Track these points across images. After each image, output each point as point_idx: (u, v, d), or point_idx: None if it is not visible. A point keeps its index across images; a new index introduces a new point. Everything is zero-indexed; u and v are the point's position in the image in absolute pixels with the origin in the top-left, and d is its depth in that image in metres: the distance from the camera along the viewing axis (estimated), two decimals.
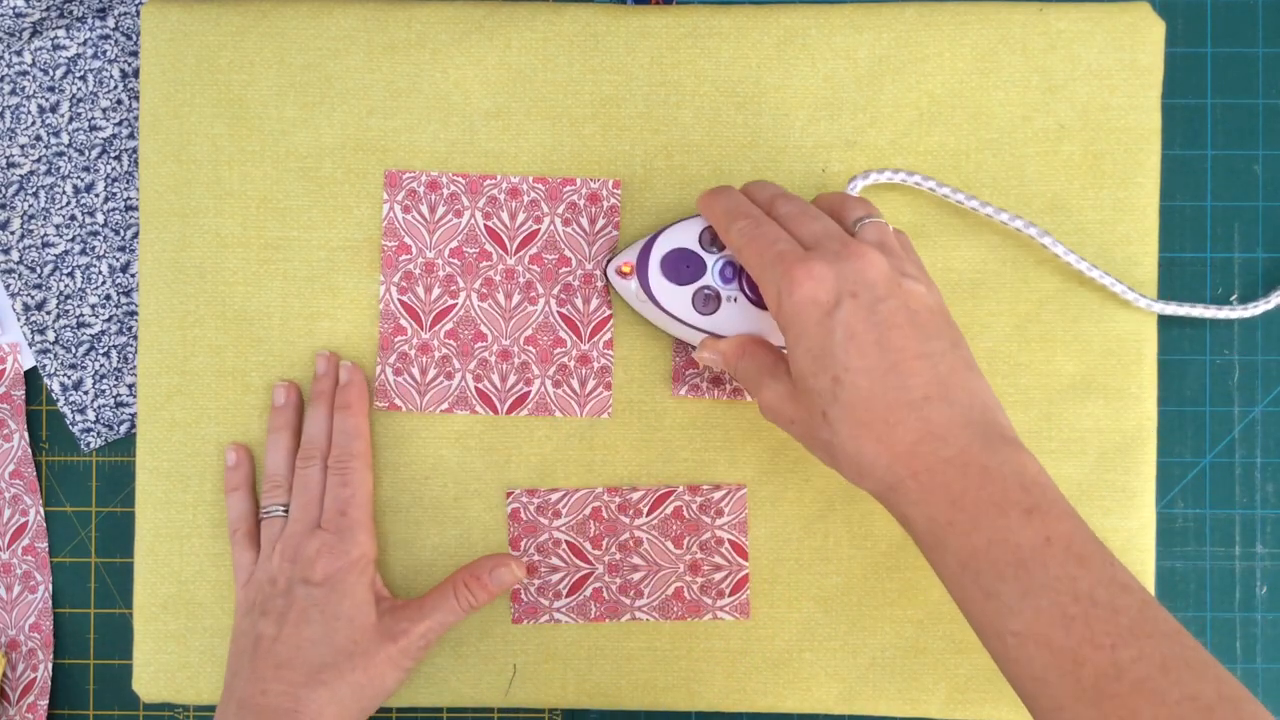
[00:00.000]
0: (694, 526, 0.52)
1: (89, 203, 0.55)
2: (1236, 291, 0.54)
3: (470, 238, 0.52)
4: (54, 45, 0.54)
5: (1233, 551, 0.54)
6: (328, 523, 0.49)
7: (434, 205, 0.52)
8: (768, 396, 0.42)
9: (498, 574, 0.50)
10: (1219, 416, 0.54)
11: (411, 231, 0.52)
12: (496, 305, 0.52)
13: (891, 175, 0.50)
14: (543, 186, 0.52)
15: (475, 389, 0.52)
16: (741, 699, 0.52)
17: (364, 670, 0.47)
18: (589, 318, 0.52)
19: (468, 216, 0.52)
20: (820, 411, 0.39)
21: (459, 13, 0.52)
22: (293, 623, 0.47)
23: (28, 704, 0.55)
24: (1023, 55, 0.52)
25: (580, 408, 0.52)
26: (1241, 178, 0.54)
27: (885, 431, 0.38)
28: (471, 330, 0.52)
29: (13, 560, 0.55)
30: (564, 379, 0.52)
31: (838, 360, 0.38)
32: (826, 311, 0.39)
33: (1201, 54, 0.55)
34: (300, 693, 0.46)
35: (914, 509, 0.39)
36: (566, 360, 0.52)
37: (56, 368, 0.55)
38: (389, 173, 0.51)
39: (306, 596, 0.47)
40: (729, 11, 0.52)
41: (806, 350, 0.39)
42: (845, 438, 0.39)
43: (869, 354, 0.38)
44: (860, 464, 0.39)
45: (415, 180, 0.52)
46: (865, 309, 0.39)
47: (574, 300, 0.52)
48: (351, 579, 0.48)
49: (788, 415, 0.42)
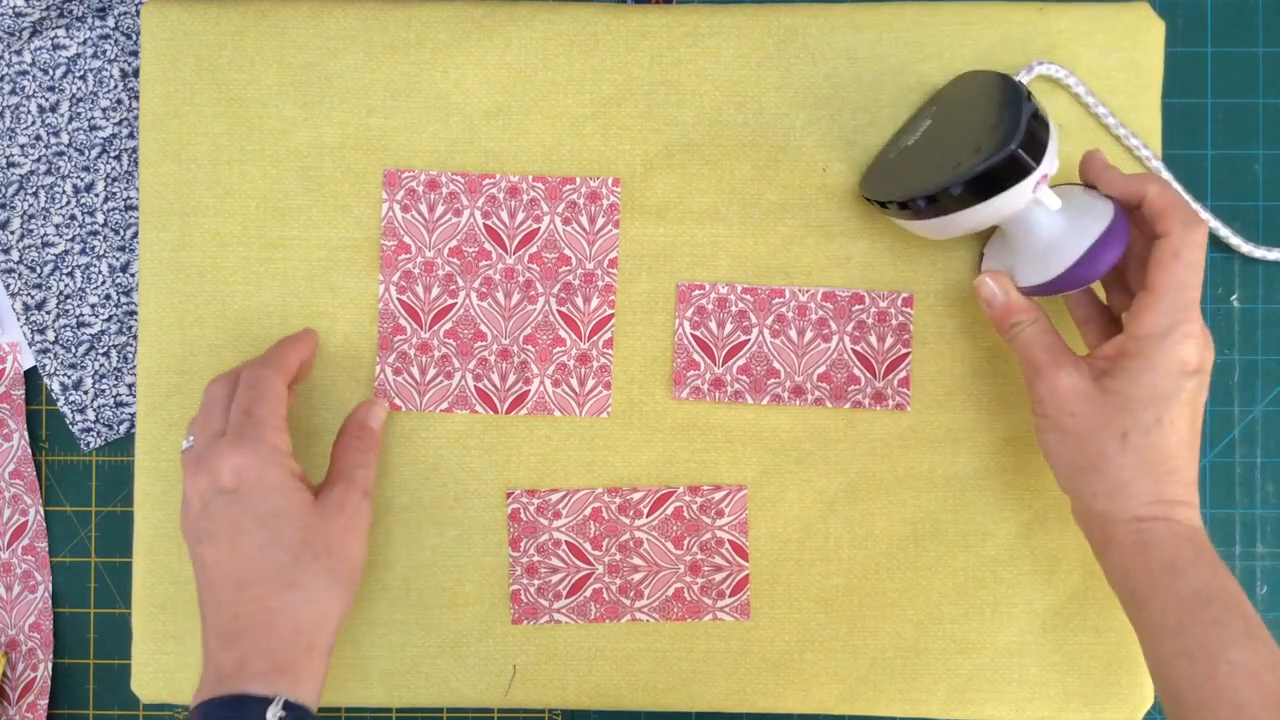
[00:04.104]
0: (694, 527, 0.52)
1: (89, 202, 0.55)
2: (1236, 291, 0.54)
3: (469, 237, 0.52)
4: (54, 45, 0.54)
5: (1233, 551, 0.54)
6: (231, 428, 0.45)
7: (433, 204, 0.52)
8: (1065, 381, 0.45)
9: (372, 414, 0.50)
10: (1219, 416, 0.54)
11: (411, 231, 0.52)
12: (496, 304, 0.52)
13: (1057, 70, 0.51)
14: (542, 185, 0.52)
15: (475, 388, 0.52)
16: (742, 700, 0.52)
17: (326, 554, 0.44)
18: (589, 317, 0.52)
19: (467, 215, 0.52)
20: (1121, 431, 0.43)
21: (459, 12, 0.52)
22: (228, 538, 0.44)
23: (28, 704, 0.55)
24: (1023, 55, 0.52)
25: (580, 407, 0.52)
26: (1241, 178, 0.54)
27: (1165, 474, 0.43)
28: (471, 329, 0.52)
29: (13, 560, 0.55)
30: (563, 378, 0.52)
31: (1171, 409, 0.43)
32: (1186, 373, 0.43)
33: (1201, 54, 0.55)
34: (272, 604, 0.43)
35: (1161, 539, 0.43)
36: (566, 359, 0.52)
37: (56, 367, 0.55)
38: (388, 172, 0.51)
39: (228, 507, 0.44)
40: (729, 11, 0.52)
41: (1151, 384, 0.43)
42: (1130, 464, 0.43)
43: (1189, 417, 0.43)
44: (1126, 487, 0.44)
45: (415, 180, 0.52)
46: (1202, 390, 0.44)
47: (574, 299, 0.52)
48: (269, 474, 0.44)
49: (1070, 408, 0.44)
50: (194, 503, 0.45)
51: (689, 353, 0.52)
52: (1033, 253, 0.46)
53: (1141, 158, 0.51)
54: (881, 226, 0.52)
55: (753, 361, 0.52)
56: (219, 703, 0.42)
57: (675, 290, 0.52)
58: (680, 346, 0.52)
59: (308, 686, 0.43)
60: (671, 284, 0.52)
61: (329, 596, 0.44)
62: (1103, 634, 0.52)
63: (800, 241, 0.52)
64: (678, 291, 0.52)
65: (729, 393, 0.52)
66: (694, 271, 0.52)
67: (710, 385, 0.52)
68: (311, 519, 0.45)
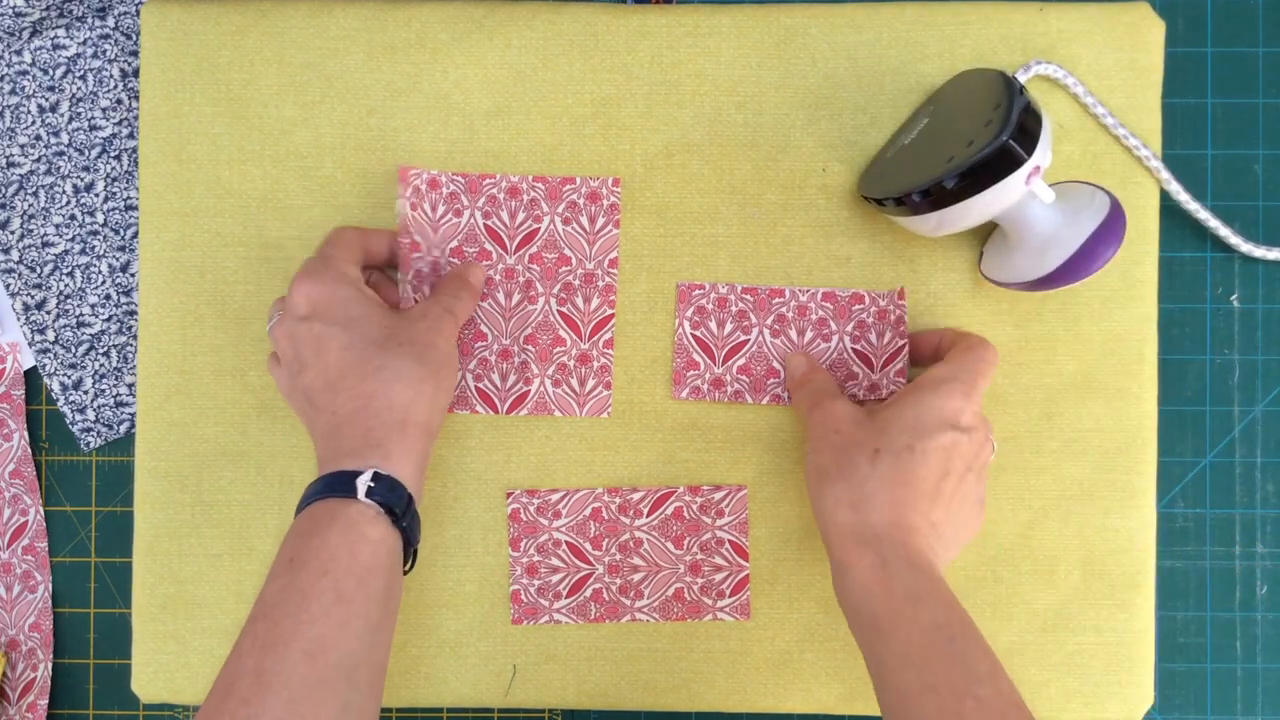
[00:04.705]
0: (694, 527, 0.52)
1: (89, 202, 0.55)
2: (1237, 291, 0.54)
3: (470, 237, 0.52)
4: (54, 45, 0.54)
5: (1233, 551, 0.54)
6: (303, 267, 0.47)
7: (434, 204, 0.51)
8: (839, 407, 0.47)
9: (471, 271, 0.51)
10: (1219, 416, 0.54)
11: (419, 229, 0.51)
12: (496, 304, 0.52)
13: (1055, 70, 0.51)
14: (542, 185, 0.52)
15: (475, 388, 0.52)
16: (742, 700, 0.52)
17: (411, 344, 0.46)
18: (589, 317, 0.52)
19: (467, 216, 0.52)
20: (874, 448, 0.44)
21: (459, 12, 0.52)
22: (315, 352, 0.45)
23: (28, 703, 0.55)
24: (1022, 55, 0.52)
25: (580, 407, 0.52)
26: (1241, 178, 0.54)
27: (908, 498, 0.44)
28: (471, 329, 0.52)
29: (13, 560, 0.55)
30: (564, 378, 0.52)
31: (925, 442, 0.44)
32: (950, 423, 0.45)
33: (1201, 54, 0.55)
34: (364, 388, 0.44)
35: (899, 561, 0.42)
36: (566, 359, 0.52)
37: (56, 367, 0.55)
38: (402, 169, 0.51)
39: (310, 328, 0.46)
40: (729, 11, 0.52)
41: (914, 416, 0.45)
42: (876, 478, 0.44)
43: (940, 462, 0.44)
44: (870, 498, 0.44)
45: (419, 178, 0.51)
46: (958, 447, 0.45)
47: (574, 299, 0.52)
48: (340, 291, 0.46)
49: (837, 426, 0.46)
50: (285, 348, 0.47)
51: (689, 353, 0.52)
52: (1030, 248, 0.46)
53: (1141, 157, 0.51)
54: (881, 226, 0.52)
55: (752, 361, 0.52)
56: (316, 484, 0.43)
57: (675, 290, 0.52)
58: (680, 346, 0.52)
59: (401, 461, 0.44)
60: (671, 284, 0.52)
61: (418, 374, 0.45)
62: (1103, 634, 0.52)
63: (800, 241, 0.52)
64: (677, 291, 0.52)
65: (729, 392, 0.52)
66: (694, 271, 0.52)
67: (710, 385, 0.52)
68: (393, 319, 0.47)
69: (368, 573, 0.41)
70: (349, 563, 0.41)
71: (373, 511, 0.42)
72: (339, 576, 0.41)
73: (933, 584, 0.42)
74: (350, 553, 0.41)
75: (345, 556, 0.41)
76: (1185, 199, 0.52)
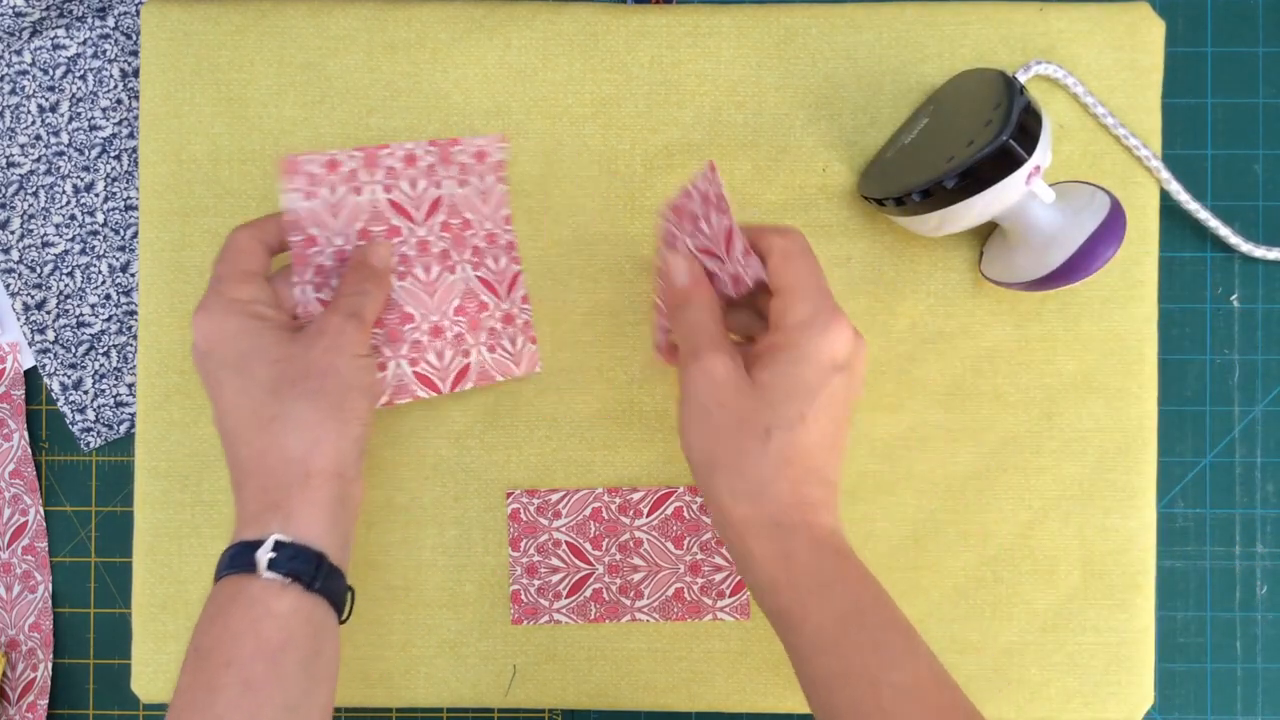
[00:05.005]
0: (694, 527, 0.52)
1: (89, 202, 0.55)
2: (1237, 291, 0.54)
3: (376, 215, 0.48)
4: (54, 45, 0.54)
5: (1233, 551, 0.54)
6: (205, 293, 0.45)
7: (333, 186, 0.48)
8: (721, 368, 0.42)
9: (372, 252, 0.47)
10: (1219, 416, 0.54)
11: (316, 219, 0.48)
12: (417, 281, 0.49)
13: (1055, 70, 0.51)
14: (435, 150, 0.49)
15: (414, 374, 0.50)
16: (742, 700, 0.52)
17: (305, 379, 0.42)
18: (502, 276, 0.51)
19: (369, 192, 0.48)
20: (765, 427, 0.41)
21: (459, 12, 0.52)
22: (216, 396, 0.43)
23: (28, 703, 0.55)
24: (1022, 55, 0.52)
25: (516, 366, 0.51)
26: (1241, 178, 0.54)
27: (805, 474, 0.41)
28: (397, 313, 0.49)
29: (13, 560, 0.55)
30: (496, 342, 0.51)
31: (815, 405, 0.41)
32: (836, 366, 0.41)
33: (1201, 54, 0.55)
34: (258, 442, 0.42)
35: (803, 548, 0.40)
36: (494, 323, 0.51)
37: (56, 367, 0.55)
38: (287, 158, 0.47)
39: (205, 369, 0.43)
40: (729, 11, 0.52)
41: (799, 376, 0.41)
42: (771, 463, 0.41)
43: (834, 415, 0.41)
44: (767, 488, 0.41)
45: (311, 163, 0.47)
46: (850, 388, 0.42)
47: (485, 261, 0.51)
48: (229, 323, 0.43)
49: (720, 398, 0.41)
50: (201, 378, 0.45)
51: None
52: (1031, 247, 0.46)
53: (1141, 157, 0.51)
54: (882, 226, 0.52)
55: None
56: (224, 555, 0.41)
57: None
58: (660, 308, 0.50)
59: (304, 518, 0.41)
60: None
61: (315, 417, 0.42)
62: (1103, 634, 0.52)
63: None
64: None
65: None
66: None
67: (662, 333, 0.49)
68: (286, 349, 0.43)
69: (279, 651, 0.39)
70: (255, 646, 0.39)
71: (278, 585, 0.40)
72: (244, 664, 0.39)
73: (839, 564, 0.40)
74: (256, 634, 0.39)
75: (250, 640, 0.39)
76: (1185, 199, 0.52)
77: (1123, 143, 0.51)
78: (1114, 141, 0.52)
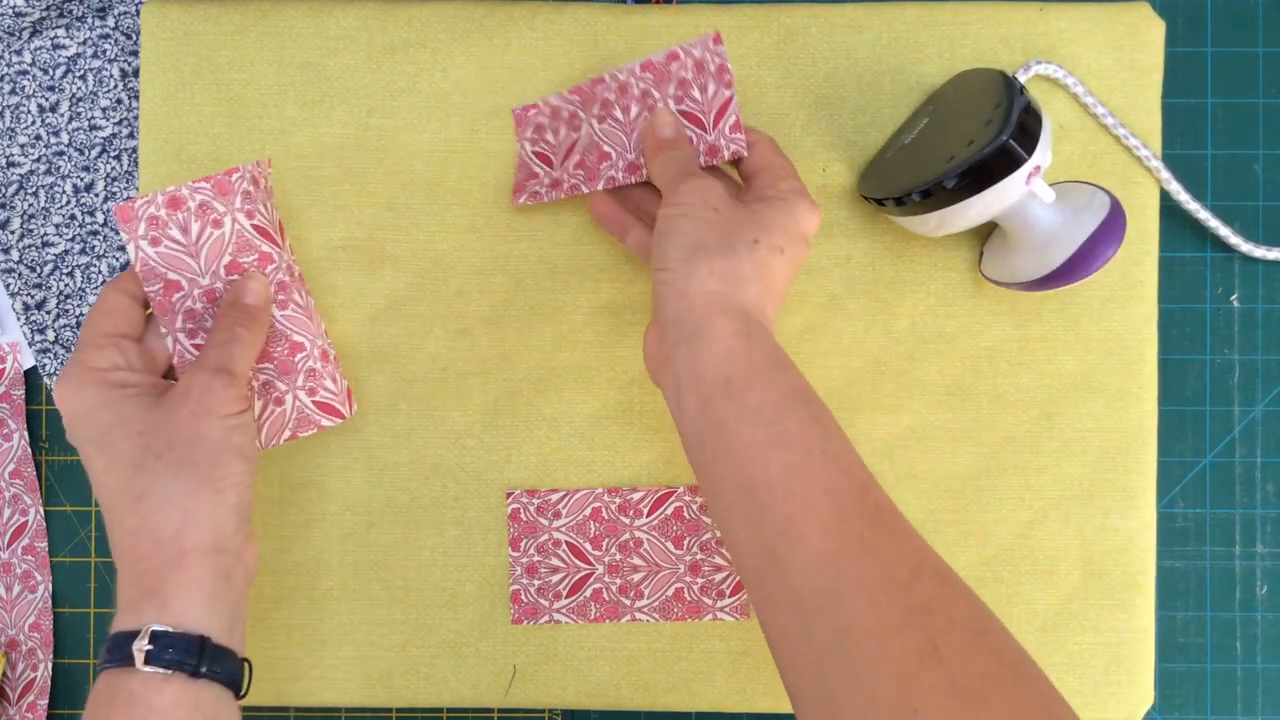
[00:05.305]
0: (694, 527, 0.52)
1: (89, 202, 0.55)
2: (1237, 291, 0.54)
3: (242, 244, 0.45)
4: (54, 45, 0.54)
5: (1233, 551, 0.54)
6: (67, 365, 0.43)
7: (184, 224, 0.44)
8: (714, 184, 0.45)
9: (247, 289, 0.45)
10: (1219, 416, 0.54)
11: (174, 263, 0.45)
12: (298, 306, 0.47)
13: (1055, 70, 0.51)
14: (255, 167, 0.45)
15: (313, 404, 0.47)
16: (742, 700, 0.52)
17: (170, 449, 0.40)
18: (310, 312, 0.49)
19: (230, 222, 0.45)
20: (753, 238, 0.43)
21: (459, 12, 0.52)
22: (89, 475, 0.42)
23: (28, 703, 0.55)
24: (1022, 55, 0.52)
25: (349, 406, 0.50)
26: (1241, 178, 0.54)
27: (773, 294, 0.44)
28: (285, 344, 0.46)
29: (13, 560, 0.55)
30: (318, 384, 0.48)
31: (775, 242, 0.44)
32: (804, 237, 0.45)
33: (1201, 54, 0.55)
34: (127, 524, 0.40)
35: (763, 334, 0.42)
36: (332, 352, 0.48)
37: (56, 367, 0.55)
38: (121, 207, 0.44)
39: (76, 445, 0.42)
40: (729, 11, 0.52)
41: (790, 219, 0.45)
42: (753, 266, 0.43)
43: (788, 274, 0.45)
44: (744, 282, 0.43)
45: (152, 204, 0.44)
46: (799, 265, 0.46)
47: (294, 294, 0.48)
48: (86, 395, 0.41)
49: (714, 203, 0.44)
50: None
51: (529, 166, 0.51)
52: (1031, 247, 0.46)
53: (1141, 157, 0.51)
54: (882, 226, 0.52)
55: (585, 153, 0.50)
56: (104, 647, 0.40)
57: None
58: (521, 163, 0.51)
59: (184, 602, 0.39)
60: None
61: (183, 489, 0.40)
62: (1103, 634, 0.52)
63: None
64: (514, 116, 0.52)
65: (565, 188, 0.50)
66: None
67: (549, 188, 0.50)
68: (149, 419, 0.41)
69: None
70: None
71: (158, 678, 0.38)
72: None
73: (787, 357, 0.42)
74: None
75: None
76: (1185, 199, 0.52)
77: (1123, 143, 0.51)
78: (1114, 141, 0.52)
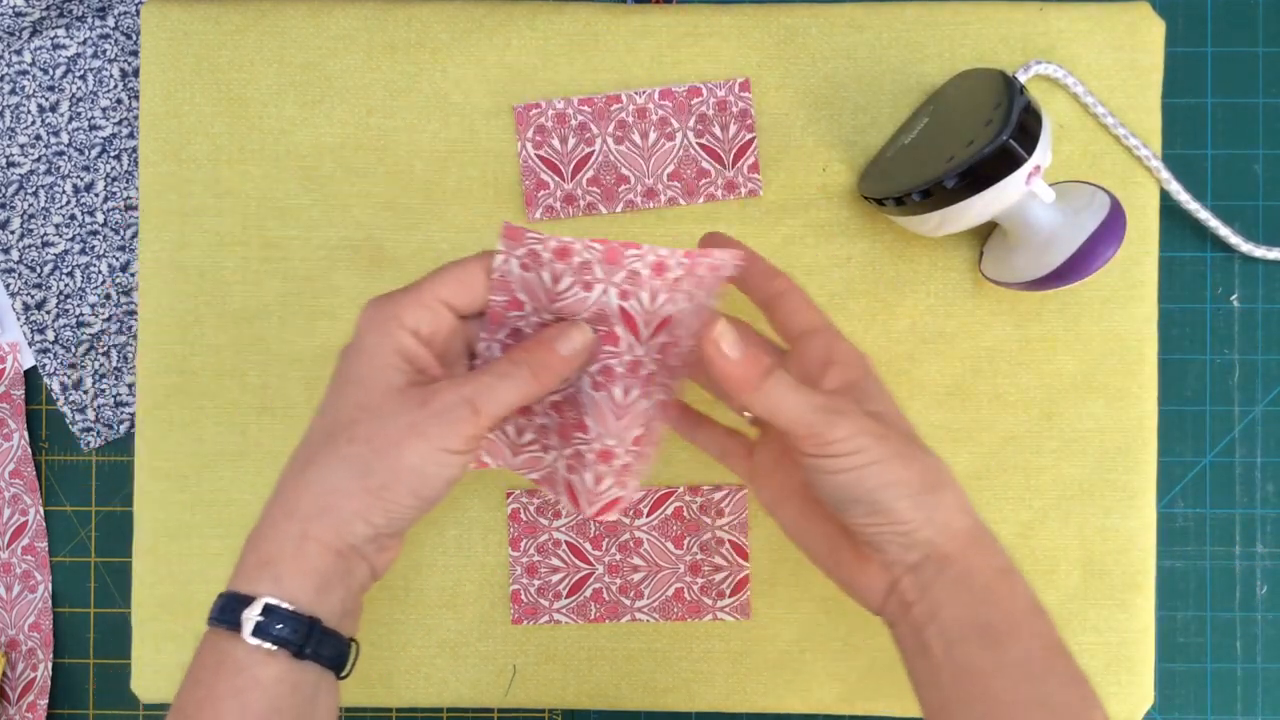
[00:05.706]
0: (694, 527, 0.52)
1: (89, 202, 0.55)
2: (1237, 291, 0.54)
3: (598, 315, 0.39)
4: (54, 45, 0.54)
5: (1233, 551, 0.54)
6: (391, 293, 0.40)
7: (558, 275, 0.39)
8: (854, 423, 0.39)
9: (565, 336, 0.39)
10: (1219, 416, 0.54)
11: (530, 291, 0.40)
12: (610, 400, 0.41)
13: (1055, 70, 0.51)
14: (687, 262, 0.38)
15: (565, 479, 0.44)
16: (742, 700, 0.52)
17: (365, 442, 0.37)
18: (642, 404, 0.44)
19: (599, 291, 0.39)
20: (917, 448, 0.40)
21: (459, 12, 0.52)
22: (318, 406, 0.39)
23: (27, 703, 0.55)
24: (1022, 55, 0.52)
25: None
26: (1241, 178, 0.54)
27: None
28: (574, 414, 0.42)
29: (12, 560, 0.55)
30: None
31: None
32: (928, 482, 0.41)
33: (1201, 54, 0.55)
34: (284, 484, 0.38)
35: (1018, 571, 0.40)
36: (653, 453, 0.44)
37: (56, 367, 0.55)
38: (513, 228, 0.38)
39: (337, 360, 0.39)
40: (729, 11, 0.52)
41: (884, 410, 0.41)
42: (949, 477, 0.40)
43: None
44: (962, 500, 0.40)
45: (538, 242, 0.38)
46: None
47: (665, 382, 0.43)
48: (369, 338, 0.38)
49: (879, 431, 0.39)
50: None
51: (536, 173, 0.51)
52: (1030, 247, 0.46)
53: (1141, 157, 0.51)
54: (882, 226, 0.52)
55: (601, 171, 0.51)
56: (217, 601, 0.38)
57: None
58: (527, 168, 0.52)
59: (296, 583, 0.37)
60: None
61: (344, 487, 0.37)
62: (1103, 634, 0.52)
63: (800, 241, 0.52)
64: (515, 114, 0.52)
65: (581, 206, 0.51)
66: None
67: (562, 202, 0.51)
68: (378, 401, 0.38)
69: None
70: (239, 716, 0.36)
71: (263, 652, 0.36)
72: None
73: (1039, 601, 0.39)
74: (241, 705, 0.36)
75: (234, 711, 0.36)
76: (1185, 199, 0.52)
77: (1123, 143, 0.51)
78: (1114, 141, 0.52)
